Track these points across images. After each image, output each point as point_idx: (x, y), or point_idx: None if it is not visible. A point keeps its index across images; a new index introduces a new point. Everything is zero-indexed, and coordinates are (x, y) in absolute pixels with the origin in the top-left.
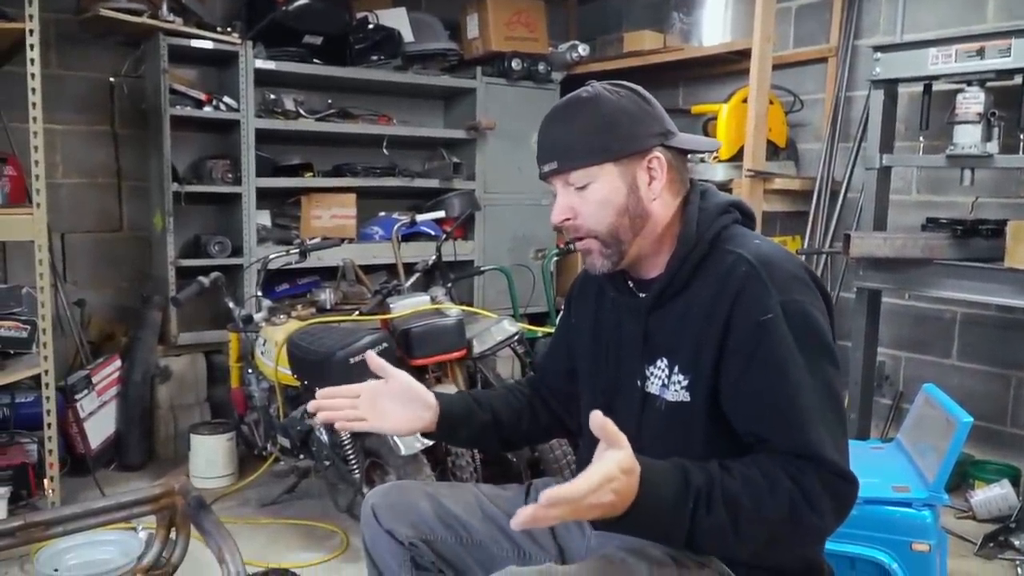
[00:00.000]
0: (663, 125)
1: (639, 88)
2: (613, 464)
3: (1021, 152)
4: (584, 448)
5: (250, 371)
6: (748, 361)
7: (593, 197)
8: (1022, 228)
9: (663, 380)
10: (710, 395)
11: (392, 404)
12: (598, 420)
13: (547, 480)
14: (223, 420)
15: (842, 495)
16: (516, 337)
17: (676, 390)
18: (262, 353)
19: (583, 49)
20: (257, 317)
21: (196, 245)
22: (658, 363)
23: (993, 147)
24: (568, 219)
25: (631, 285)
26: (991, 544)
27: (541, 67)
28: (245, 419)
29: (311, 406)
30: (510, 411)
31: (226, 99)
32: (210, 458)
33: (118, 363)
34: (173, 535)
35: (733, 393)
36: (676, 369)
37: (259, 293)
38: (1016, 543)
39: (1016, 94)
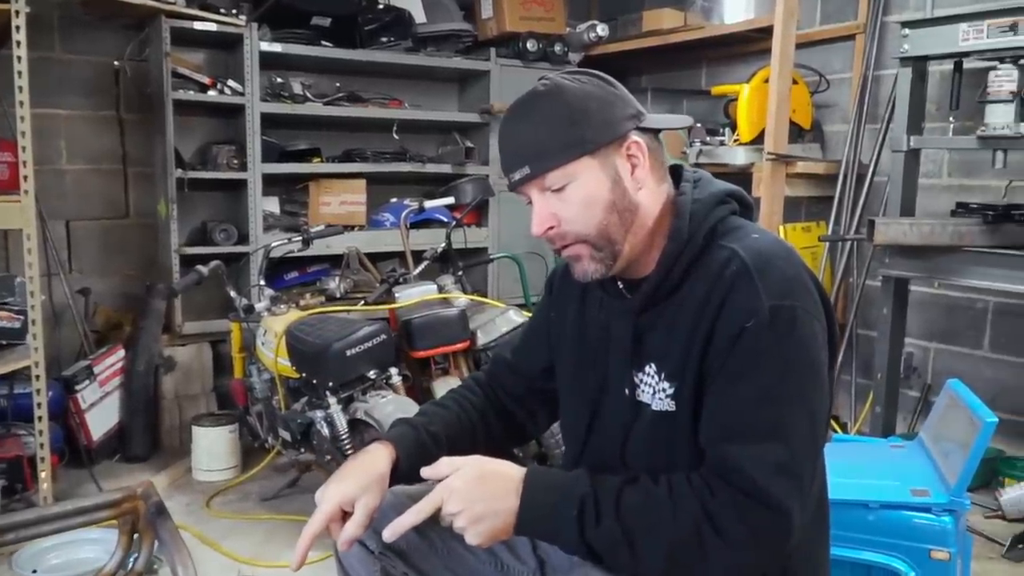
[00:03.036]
0: (633, 106)
1: (599, 72)
2: (438, 488)
3: None
4: (565, 451)
5: (252, 362)
6: (721, 369)
7: (575, 198)
8: None
9: (653, 388)
10: (695, 405)
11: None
12: (424, 474)
13: None
14: (227, 412)
15: (761, 527)
16: (521, 328)
17: (661, 399)
18: (262, 344)
19: (602, 29)
20: (258, 307)
21: (202, 232)
22: (647, 369)
23: None
24: (552, 227)
25: (620, 285)
26: (1020, 545)
27: (558, 48)
28: (249, 410)
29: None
30: (464, 437)
31: (231, 83)
32: (212, 451)
33: (121, 353)
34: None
35: (704, 402)
36: (663, 376)
37: (261, 282)
38: None
39: None
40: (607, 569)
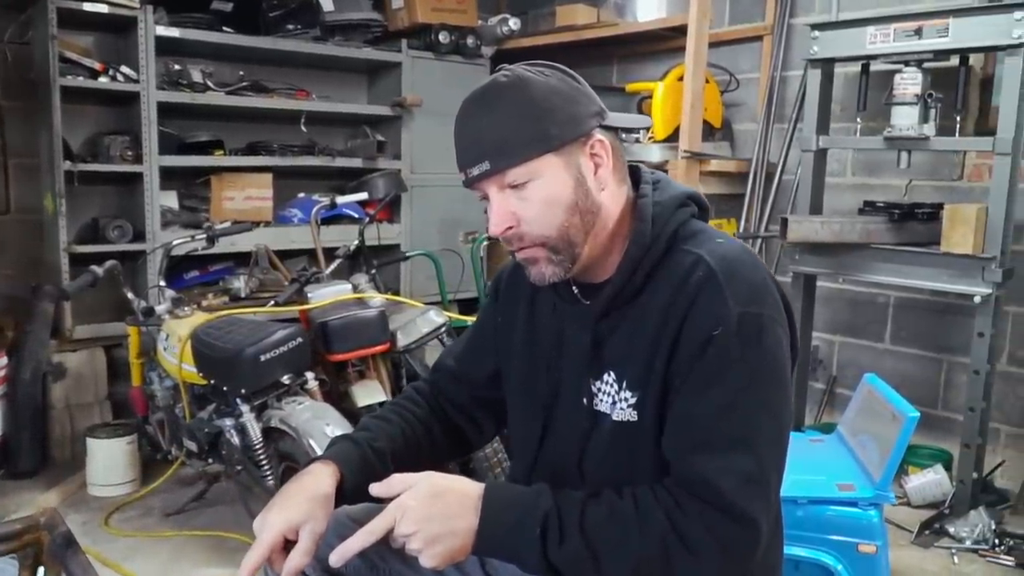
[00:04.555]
0: (596, 103)
1: (562, 66)
2: (391, 507)
3: (957, 135)
4: (516, 462)
5: (152, 368)
6: (686, 378)
7: (536, 196)
8: (958, 212)
9: (613, 397)
10: (659, 415)
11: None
12: (375, 492)
13: None
14: (124, 421)
15: (730, 539)
16: (443, 328)
17: (623, 408)
18: (164, 349)
19: (514, 23)
20: (159, 309)
21: (94, 229)
22: (605, 377)
23: (930, 129)
24: (510, 228)
25: (575, 290)
26: (927, 532)
27: (470, 41)
28: (149, 419)
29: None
30: (410, 451)
31: (124, 69)
32: (108, 463)
33: (3, 360)
34: None
35: (668, 413)
36: (624, 385)
37: (162, 283)
38: (951, 530)
39: (953, 75)
40: None
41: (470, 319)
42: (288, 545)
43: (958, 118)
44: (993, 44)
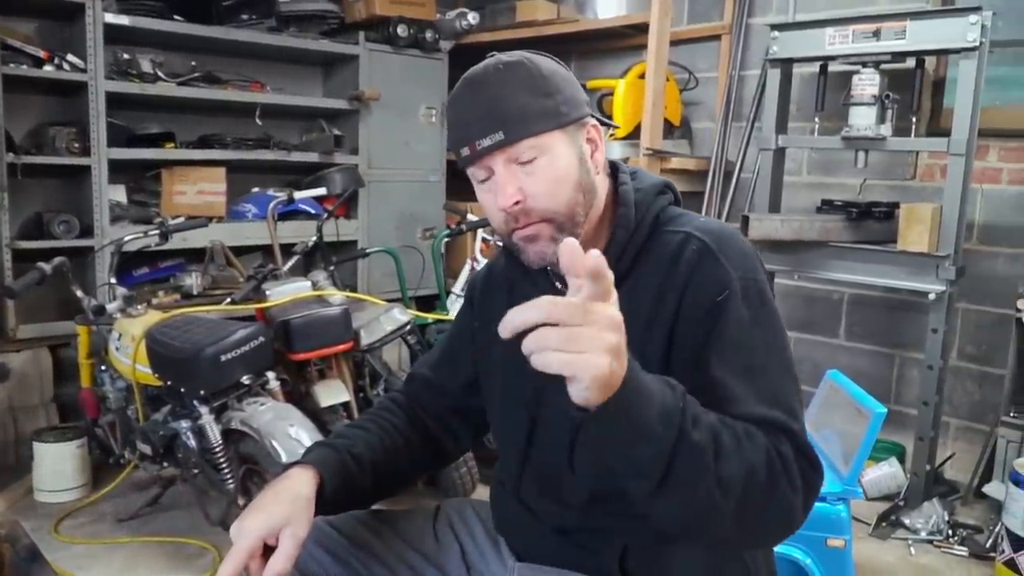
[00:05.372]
0: (584, 92)
1: (551, 55)
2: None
3: (913, 135)
4: (503, 462)
5: (103, 369)
6: (704, 345)
7: (544, 172)
8: (914, 211)
9: None
10: None
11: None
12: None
13: (457, 501)
14: (72, 424)
15: (811, 483)
16: (407, 327)
17: None
18: (117, 349)
19: (473, 17)
20: (110, 308)
21: (38, 224)
22: None
23: (887, 129)
24: (518, 202)
25: (557, 285)
26: (884, 524)
27: (429, 35)
28: (99, 421)
29: None
30: (389, 460)
31: (71, 57)
32: (57, 468)
33: None
34: None
35: (686, 382)
36: None
37: (113, 280)
38: (906, 521)
39: (907, 77)
40: (664, 496)
41: (432, 316)
42: (267, 552)
43: (913, 119)
44: (948, 47)
